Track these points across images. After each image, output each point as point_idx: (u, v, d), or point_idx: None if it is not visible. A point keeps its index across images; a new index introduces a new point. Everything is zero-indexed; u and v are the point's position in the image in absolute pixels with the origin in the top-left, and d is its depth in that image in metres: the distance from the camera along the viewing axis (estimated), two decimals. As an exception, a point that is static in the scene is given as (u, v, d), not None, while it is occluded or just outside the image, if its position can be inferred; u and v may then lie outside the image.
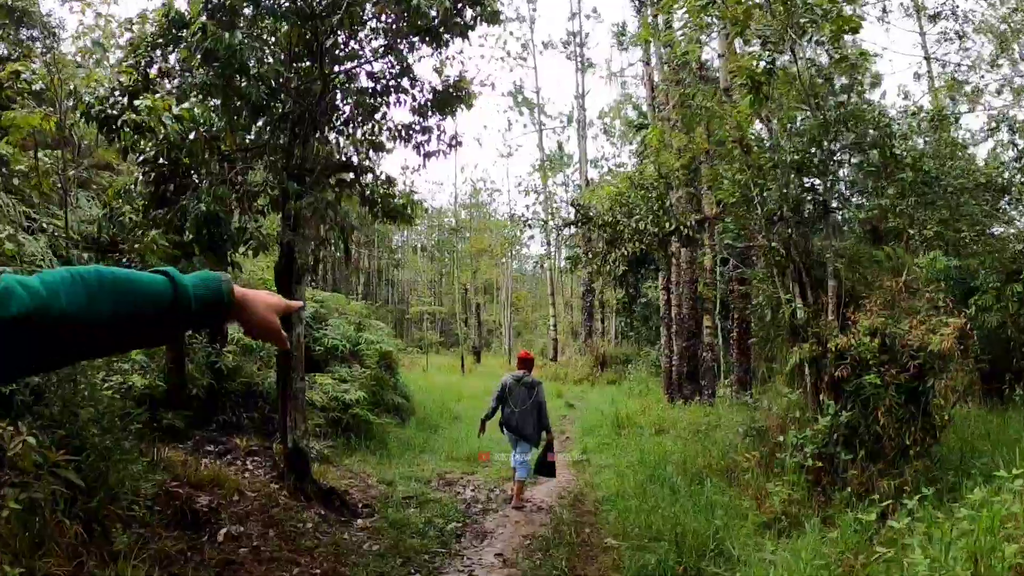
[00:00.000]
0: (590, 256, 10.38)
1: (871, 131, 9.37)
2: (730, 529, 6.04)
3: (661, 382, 17.77)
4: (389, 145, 9.00)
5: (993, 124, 19.45)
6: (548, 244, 36.65)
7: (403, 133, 8.69)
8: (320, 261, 9.02)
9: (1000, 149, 17.60)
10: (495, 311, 58.63)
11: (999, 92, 24.04)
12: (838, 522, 6.11)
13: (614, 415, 13.49)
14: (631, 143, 38.84)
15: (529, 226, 12.94)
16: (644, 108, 20.54)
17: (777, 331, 8.43)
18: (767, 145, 8.55)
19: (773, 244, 8.33)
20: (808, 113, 8.89)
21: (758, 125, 9.53)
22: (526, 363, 9.31)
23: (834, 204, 8.31)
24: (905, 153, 9.23)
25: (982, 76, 22.53)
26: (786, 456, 6.85)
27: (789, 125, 8.98)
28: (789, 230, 8.46)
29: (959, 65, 22.97)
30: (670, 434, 11.72)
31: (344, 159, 8.51)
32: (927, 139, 11.64)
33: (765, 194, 8.28)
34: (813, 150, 8.36)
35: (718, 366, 15.98)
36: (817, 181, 8.47)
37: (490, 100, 52.73)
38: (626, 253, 9.54)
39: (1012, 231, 14.57)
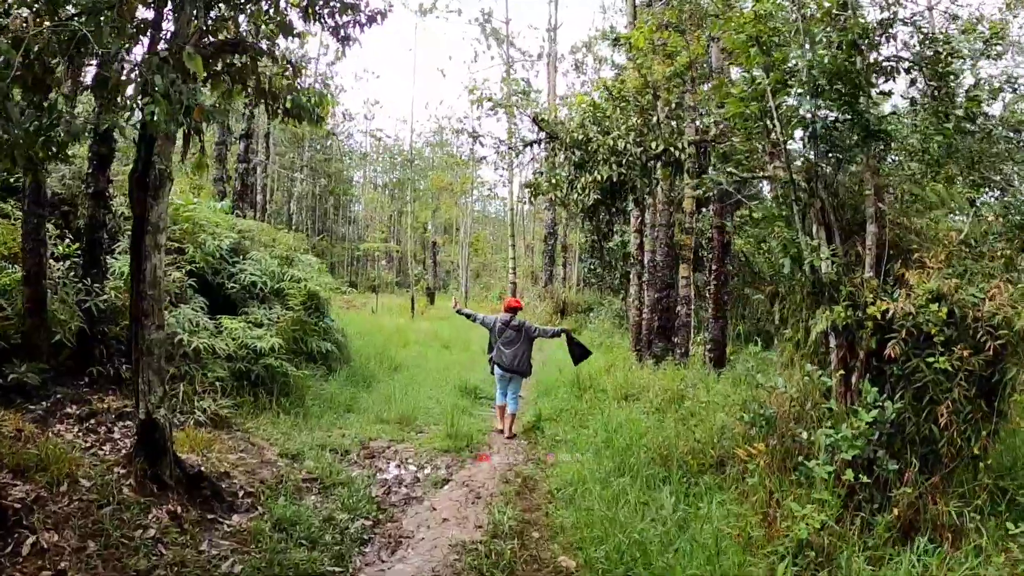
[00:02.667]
0: (553, 182, 8.37)
1: (917, 44, 7.45)
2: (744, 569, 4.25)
3: (629, 337, 16.00)
4: (300, 26, 6.84)
5: (996, 84, 17.63)
6: (509, 170, 33.75)
7: (314, 11, 6.52)
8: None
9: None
10: (453, 252, 56.50)
11: (1000, 57, 22.25)
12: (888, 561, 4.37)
13: (574, 374, 11.65)
14: (598, 74, 36.46)
15: (481, 143, 10.66)
16: (624, 30, 18.32)
17: (792, 287, 6.55)
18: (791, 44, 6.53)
19: (794, 175, 6.40)
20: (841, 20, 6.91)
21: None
22: (514, 310, 10.04)
23: (875, 128, 6.35)
24: (960, 75, 7.33)
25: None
26: (815, 464, 5.02)
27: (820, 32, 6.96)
28: (815, 157, 6.54)
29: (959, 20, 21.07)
30: (640, 402, 9.94)
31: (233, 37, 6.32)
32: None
33: (793, 104, 6.34)
34: (852, 57, 6.41)
35: (692, 323, 14.21)
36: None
37: (456, 27, 49.79)
38: (599, 179, 7.55)
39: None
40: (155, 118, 3.92)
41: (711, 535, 4.75)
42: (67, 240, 9.59)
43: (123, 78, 4.34)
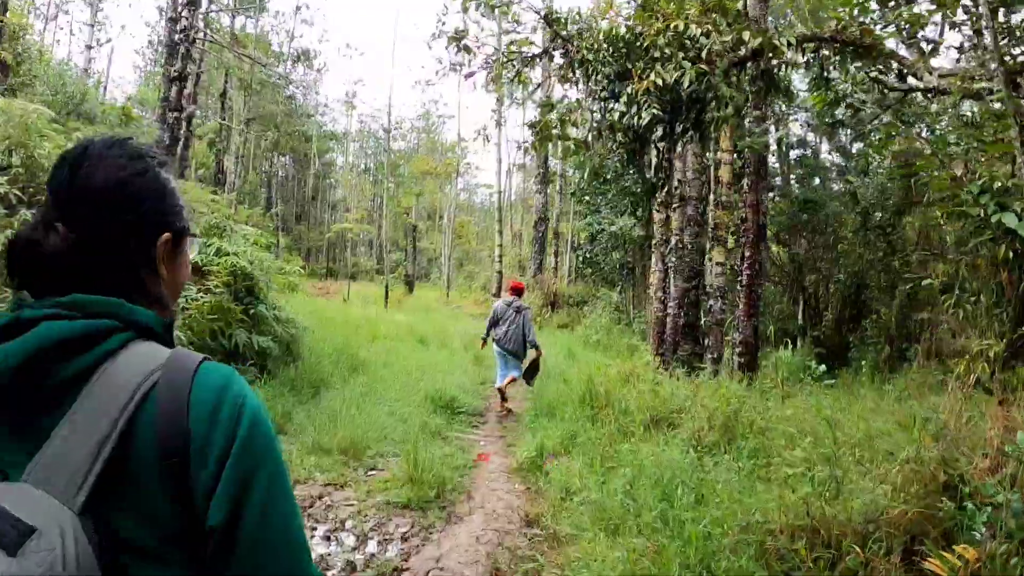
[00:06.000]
0: (573, 106, 5.56)
1: None
2: None
3: (651, 336, 13.17)
4: None
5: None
6: (500, 104, 30.00)
7: None
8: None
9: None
10: (437, 240, 53.62)
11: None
12: None
13: (586, 387, 8.76)
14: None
15: (467, 49, 7.75)
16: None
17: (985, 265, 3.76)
18: None
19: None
20: None
21: None
22: (517, 291, 10.50)
23: None
24: None
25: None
26: None
27: None
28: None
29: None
30: (681, 430, 7.14)
31: None
32: None
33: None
34: None
35: (725, 320, 11.44)
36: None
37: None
38: (662, 82, 4.69)
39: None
40: None
41: None
42: None
43: None
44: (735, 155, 11.44)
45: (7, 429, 1.00)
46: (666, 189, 10.13)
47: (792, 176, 21.41)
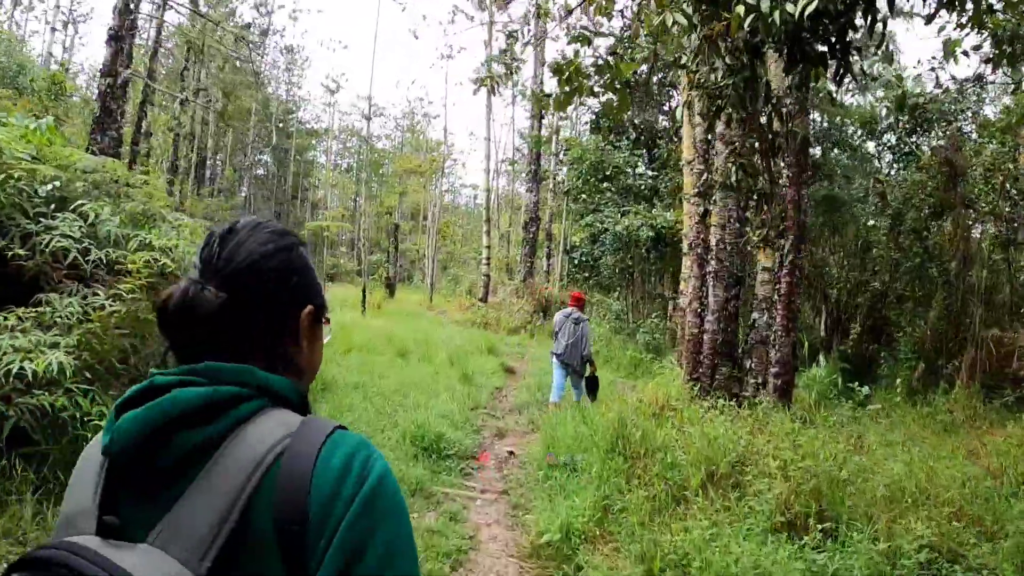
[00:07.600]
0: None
1: None
2: None
3: (681, 356, 11.09)
4: None
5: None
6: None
7: None
8: None
9: None
10: (420, 240, 51.55)
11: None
12: None
13: (614, 431, 6.66)
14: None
15: None
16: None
17: None
18: None
19: None
20: None
21: None
22: (578, 302, 10.09)
23: None
24: None
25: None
26: None
27: None
28: None
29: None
30: (751, 492, 5.14)
31: None
32: None
33: None
34: None
35: (770, 337, 9.45)
36: None
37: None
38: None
39: None
40: None
41: None
42: None
43: None
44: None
45: (135, 494, 0.98)
46: (694, 181, 8.04)
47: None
